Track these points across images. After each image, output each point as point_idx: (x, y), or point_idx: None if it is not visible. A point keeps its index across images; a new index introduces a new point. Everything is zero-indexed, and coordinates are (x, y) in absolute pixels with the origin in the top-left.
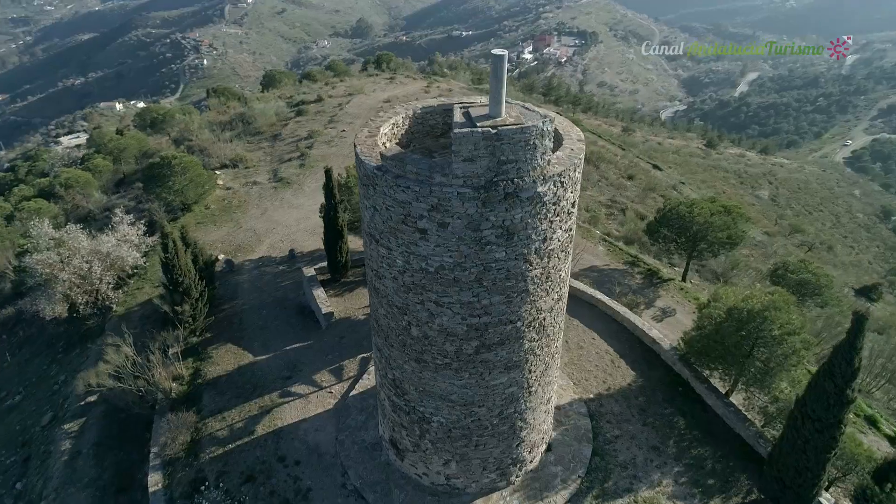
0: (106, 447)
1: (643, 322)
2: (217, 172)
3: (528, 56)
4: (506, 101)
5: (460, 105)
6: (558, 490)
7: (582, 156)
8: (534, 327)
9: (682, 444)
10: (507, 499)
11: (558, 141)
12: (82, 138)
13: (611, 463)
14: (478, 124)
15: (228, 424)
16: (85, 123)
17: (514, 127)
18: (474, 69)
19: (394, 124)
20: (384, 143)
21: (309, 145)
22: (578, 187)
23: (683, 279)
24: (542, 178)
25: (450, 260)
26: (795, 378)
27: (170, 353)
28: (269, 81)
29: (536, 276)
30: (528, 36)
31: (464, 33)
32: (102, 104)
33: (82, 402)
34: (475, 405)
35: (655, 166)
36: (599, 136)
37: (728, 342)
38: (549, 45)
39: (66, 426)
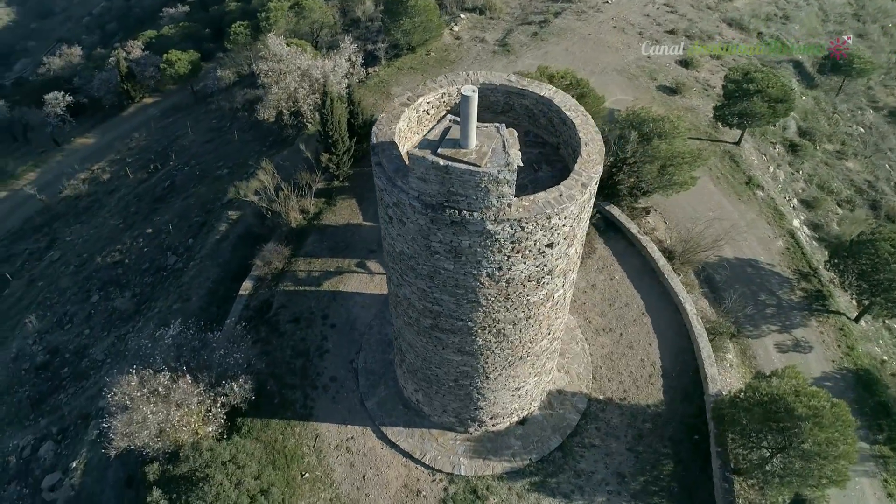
0: (242, 243)
1: (709, 354)
2: (462, 16)
3: None
4: (495, 128)
5: (452, 118)
6: (502, 460)
7: (571, 205)
8: (490, 331)
9: (650, 487)
10: (457, 444)
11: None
12: None
13: (568, 464)
14: (440, 150)
15: (309, 270)
16: None
17: (463, 167)
18: None
19: (445, 93)
20: (426, 111)
21: (558, 11)
22: (567, 231)
23: (857, 320)
24: (494, 218)
25: (408, 251)
26: (808, 500)
27: (311, 189)
28: None
29: (490, 294)
30: None
31: None
32: None
33: (246, 199)
34: (433, 365)
35: None
36: None
37: (750, 428)
38: None
39: (229, 212)
